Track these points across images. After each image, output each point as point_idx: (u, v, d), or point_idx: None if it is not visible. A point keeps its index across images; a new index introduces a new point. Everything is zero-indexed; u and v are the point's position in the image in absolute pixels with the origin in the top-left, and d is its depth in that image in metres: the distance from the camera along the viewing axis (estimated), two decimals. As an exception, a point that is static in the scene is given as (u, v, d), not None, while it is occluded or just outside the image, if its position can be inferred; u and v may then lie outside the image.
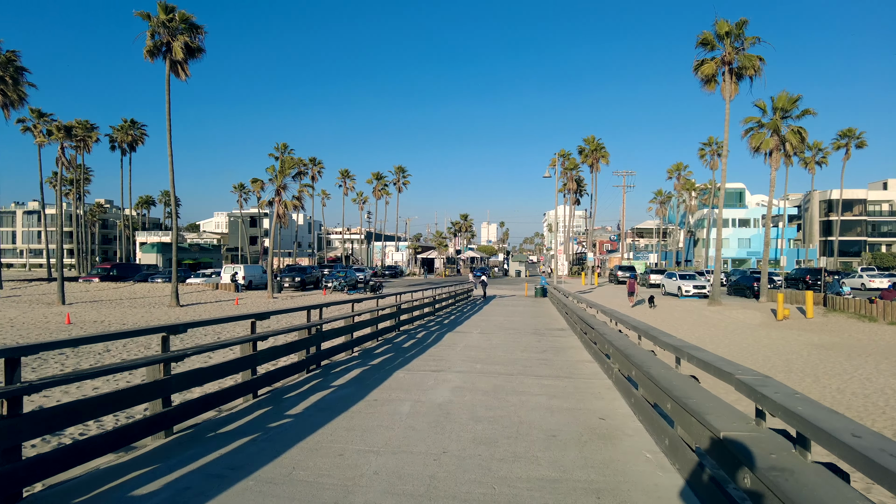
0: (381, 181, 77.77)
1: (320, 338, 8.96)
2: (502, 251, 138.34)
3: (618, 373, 7.46)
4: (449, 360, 9.91)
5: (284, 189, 34.74)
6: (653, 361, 6.03)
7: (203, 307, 28.53)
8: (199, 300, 32.72)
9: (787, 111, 29.83)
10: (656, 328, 7.29)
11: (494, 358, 10.19)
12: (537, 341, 12.79)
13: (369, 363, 9.51)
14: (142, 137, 65.66)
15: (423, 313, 17.74)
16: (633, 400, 6.29)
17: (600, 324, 9.80)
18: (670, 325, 23.95)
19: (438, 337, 13.23)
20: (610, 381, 8.03)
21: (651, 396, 5.52)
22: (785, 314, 25.15)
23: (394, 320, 13.92)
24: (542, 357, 10.36)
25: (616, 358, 7.54)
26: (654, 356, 6.36)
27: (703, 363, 4.63)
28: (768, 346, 19.56)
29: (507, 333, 14.28)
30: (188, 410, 5.66)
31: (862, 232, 72.89)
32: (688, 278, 35.89)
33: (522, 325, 16.91)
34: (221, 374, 6.37)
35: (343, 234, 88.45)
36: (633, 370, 6.22)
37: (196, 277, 44.64)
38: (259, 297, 35.11)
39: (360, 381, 7.92)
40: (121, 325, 21.04)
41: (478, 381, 7.99)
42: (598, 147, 68.18)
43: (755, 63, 29.04)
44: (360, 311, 11.38)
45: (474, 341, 12.57)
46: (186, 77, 30.22)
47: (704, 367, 4.60)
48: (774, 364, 16.02)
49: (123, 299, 33.13)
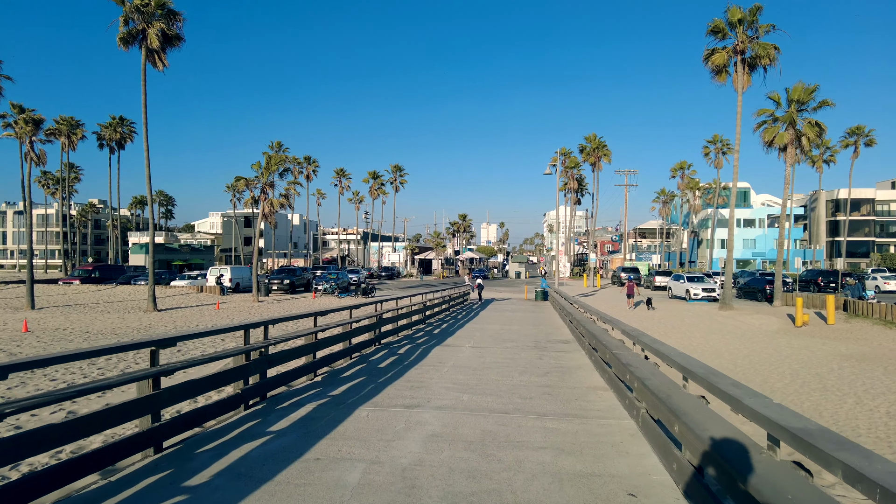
0: (377, 180, 75.92)
1: (264, 364, 7.12)
2: (502, 252, 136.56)
3: (646, 415, 5.64)
4: (430, 387, 8.07)
5: (271, 187, 32.90)
6: (707, 417, 4.18)
7: (181, 312, 26.69)
8: (180, 304, 30.90)
9: (804, 103, 27.99)
10: (697, 360, 5.47)
11: (486, 384, 8.35)
12: (538, 358, 10.95)
13: (330, 393, 7.66)
14: (130, 135, 63.71)
15: (410, 322, 15.90)
16: (676, 465, 4.46)
17: (616, 345, 7.96)
18: (682, 333, 22.13)
19: (424, 352, 11.39)
20: (633, 422, 6.20)
21: (715, 470, 3.68)
22: (804, 320, 23.35)
23: (373, 333, 12.08)
24: (544, 383, 8.52)
25: (644, 396, 5.70)
26: (705, 405, 4.51)
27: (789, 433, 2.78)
28: (792, 356, 17.72)
29: (504, 347, 12.43)
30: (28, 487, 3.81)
31: (870, 232, 71.09)
32: (696, 280, 34.06)
33: (521, 335, 15.07)
34: (96, 425, 4.51)
35: (339, 235, 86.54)
36: (675, 424, 4.38)
37: (181, 279, 42.81)
38: (244, 300, 33.29)
39: (308, 425, 6.07)
40: (84, 333, 19.25)
41: (462, 423, 6.15)
42: (600, 145, 66.32)
43: (770, 52, 27.22)
44: (327, 324, 9.53)
45: (465, 359, 10.73)
46: (164, 67, 28.42)
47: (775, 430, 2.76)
48: (805, 380, 14.20)
49: (99, 303, 31.30)
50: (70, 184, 76.23)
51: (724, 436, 3.66)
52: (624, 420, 6.34)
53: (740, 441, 3.55)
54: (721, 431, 3.76)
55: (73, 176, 78.13)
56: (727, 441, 3.57)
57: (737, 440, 3.56)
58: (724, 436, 3.66)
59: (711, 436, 3.69)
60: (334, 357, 9.90)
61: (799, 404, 11.88)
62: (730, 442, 3.56)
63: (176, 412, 6.71)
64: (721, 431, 3.76)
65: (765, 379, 14.31)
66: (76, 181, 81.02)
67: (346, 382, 8.42)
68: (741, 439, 3.57)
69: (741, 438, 3.59)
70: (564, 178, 65.62)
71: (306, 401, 7.18)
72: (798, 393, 12.86)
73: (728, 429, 3.82)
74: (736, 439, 3.58)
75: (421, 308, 17.62)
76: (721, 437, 3.64)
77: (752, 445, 3.46)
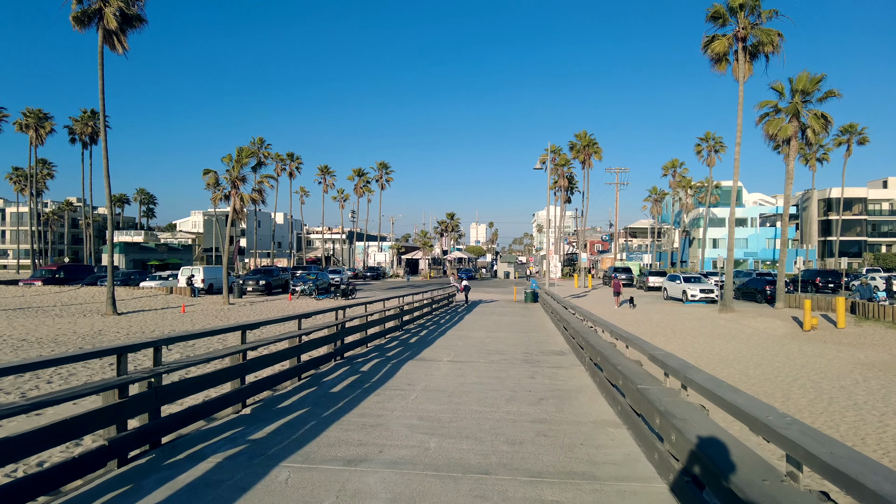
0: (362, 178, 73.77)
1: (151, 399, 5.14)
2: (491, 252, 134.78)
3: (685, 482, 3.77)
4: (389, 424, 6.13)
5: (243, 181, 30.73)
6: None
7: (142, 316, 24.48)
8: (145, 307, 28.62)
9: (809, 93, 26.45)
10: (728, 386, 3.60)
11: (464, 418, 6.43)
12: (530, 376, 9.06)
13: (251, 436, 5.68)
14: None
15: (384, 329, 13.96)
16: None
17: (639, 373, 6.06)
18: (683, 338, 20.42)
19: (392, 370, 9.45)
20: (664, 484, 4.34)
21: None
22: (813, 324, 21.77)
23: (332, 346, 10.11)
24: (538, 415, 6.62)
25: (679, 448, 3.82)
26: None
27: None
28: (807, 365, 16.04)
29: (489, 362, 10.52)
30: None
31: (862, 232, 70.30)
32: (693, 281, 32.46)
33: (510, 345, 13.18)
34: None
35: (323, 234, 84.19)
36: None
37: (152, 280, 40.41)
38: (213, 303, 31.08)
39: (193, 501, 4.11)
40: (20, 342, 17.04)
41: (423, 494, 4.23)
42: (591, 143, 64.83)
43: (773, 38, 25.64)
44: (261, 340, 7.54)
45: (441, 378, 8.80)
46: (124, 50, 26.25)
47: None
48: (832, 396, 12.47)
49: (57, 306, 28.92)
50: (42, 180, 73.26)
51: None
52: (653, 483, 4.45)
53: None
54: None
55: (45, 172, 75.15)
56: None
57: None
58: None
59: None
60: (276, 379, 7.93)
61: (835, 428, 10.16)
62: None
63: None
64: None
65: (787, 395, 12.56)
66: (49, 178, 77.88)
67: (281, 417, 6.44)
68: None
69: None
70: (555, 176, 63.98)
71: (212, 450, 5.19)
72: (829, 412, 11.13)
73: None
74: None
75: (398, 313, 15.66)
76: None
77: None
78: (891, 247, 70.34)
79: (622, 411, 6.28)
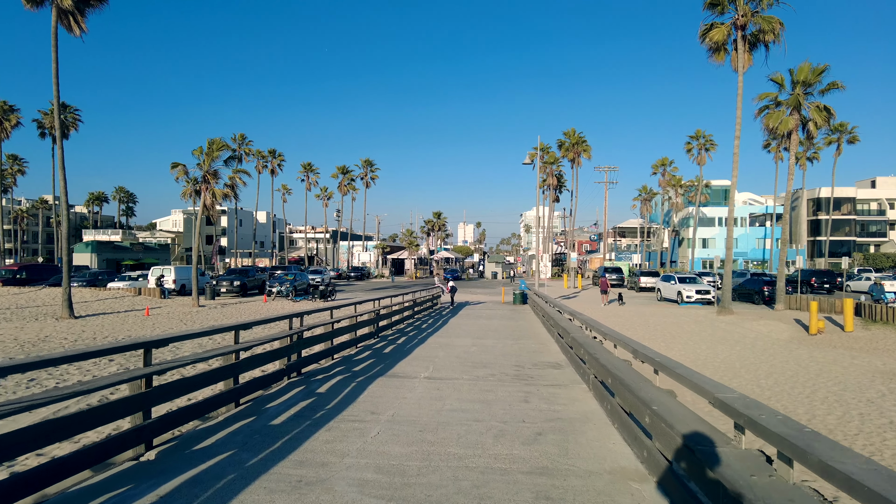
0: (346, 175, 71.78)
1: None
2: (479, 252, 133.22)
3: None
4: (332, 486, 4.44)
5: (214, 176, 28.80)
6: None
7: (100, 320, 22.47)
8: (108, 309, 26.55)
9: (810, 85, 25.22)
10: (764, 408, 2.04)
11: (436, 471, 4.78)
12: (523, 400, 7.44)
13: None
14: (75, 123, 58.28)
15: (355, 337, 12.26)
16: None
17: (671, 407, 4.45)
18: (684, 343, 18.98)
19: (354, 392, 7.76)
20: None
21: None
22: (819, 327, 20.49)
23: (285, 361, 8.41)
24: (536, 462, 4.99)
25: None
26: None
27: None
28: (822, 373, 14.66)
29: (474, 378, 8.89)
30: None
31: (850, 232, 69.95)
32: (688, 282, 31.14)
33: (498, 355, 11.56)
34: None
35: (306, 233, 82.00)
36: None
37: (121, 281, 38.18)
38: (183, 305, 29.14)
39: None
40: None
41: None
42: (579, 140, 63.64)
43: (774, 26, 24.35)
44: (180, 360, 5.83)
45: (412, 405, 7.12)
46: (82, 32, 24.30)
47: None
48: (860, 410, 11.04)
49: (10, 308, 26.74)
50: (12, 176, 70.40)
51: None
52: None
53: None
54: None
55: (16, 168, 72.31)
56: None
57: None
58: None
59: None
60: (203, 407, 6.23)
61: (878, 454, 8.71)
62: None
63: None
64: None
65: (810, 411, 11.11)
66: (20, 174, 74.95)
67: (192, 467, 4.75)
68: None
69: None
70: (543, 174, 62.61)
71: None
72: (865, 434, 9.67)
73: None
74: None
75: (372, 318, 13.97)
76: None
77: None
78: (878, 246, 70.09)
79: (649, 458, 4.68)
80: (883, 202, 70.92)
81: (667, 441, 4.15)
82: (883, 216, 70.74)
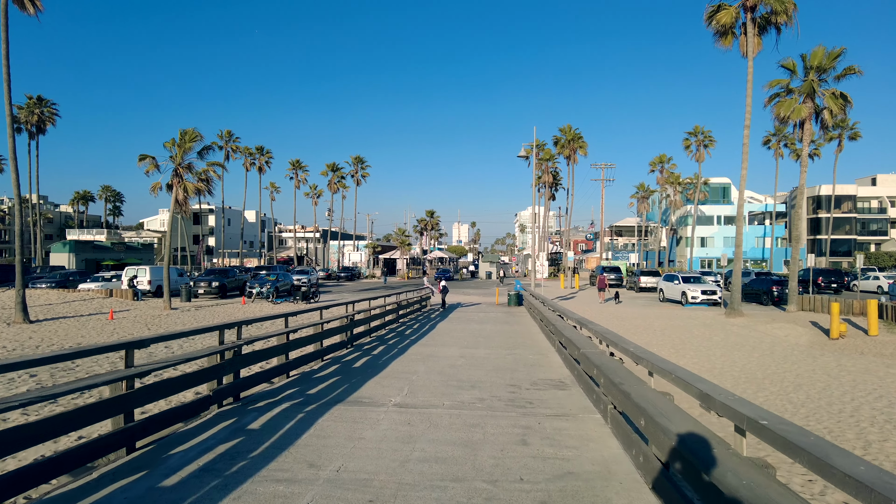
0: (336, 173, 69.76)
1: None
2: (473, 251, 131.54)
3: None
4: None
5: (189, 169, 26.80)
6: None
7: (58, 325, 20.42)
8: (71, 312, 24.44)
9: (825, 71, 23.53)
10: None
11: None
12: (520, 441, 5.60)
13: None
14: (52, 117, 56.10)
15: (320, 349, 10.37)
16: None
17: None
18: (696, 349, 17.19)
19: (297, 430, 5.87)
20: None
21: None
22: (841, 331, 18.78)
23: (213, 384, 6.52)
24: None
25: None
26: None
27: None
28: (857, 385, 12.89)
29: (457, 407, 7.01)
30: None
31: (851, 230, 68.66)
32: (693, 281, 29.42)
33: (490, 371, 9.70)
34: None
35: (295, 233, 79.89)
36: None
37: (93, 282, 36.06)
38: (154, 307, 27.12)
39: None
40: None
41: None
42: (575, 137, 61.88)
43: (788, 7, 22.66)
44: (54, 388, 3.96)
45: (369, 452, 5.24)
46: (37, 11, 22.35)
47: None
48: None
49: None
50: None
51: None
52: None
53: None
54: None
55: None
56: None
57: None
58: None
59: None
60: (77, 456, 4.35)
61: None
62: None
63: None
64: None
65: (862, 437, 9.32)
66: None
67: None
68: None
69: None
70: (539, 171, 60.85)
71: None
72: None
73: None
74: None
75: (346, 324, 12.07)
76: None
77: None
78: (879, 245, 68.86)
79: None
80: (884, 200, 69.70)
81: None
82: (884, 214, 69.52)
